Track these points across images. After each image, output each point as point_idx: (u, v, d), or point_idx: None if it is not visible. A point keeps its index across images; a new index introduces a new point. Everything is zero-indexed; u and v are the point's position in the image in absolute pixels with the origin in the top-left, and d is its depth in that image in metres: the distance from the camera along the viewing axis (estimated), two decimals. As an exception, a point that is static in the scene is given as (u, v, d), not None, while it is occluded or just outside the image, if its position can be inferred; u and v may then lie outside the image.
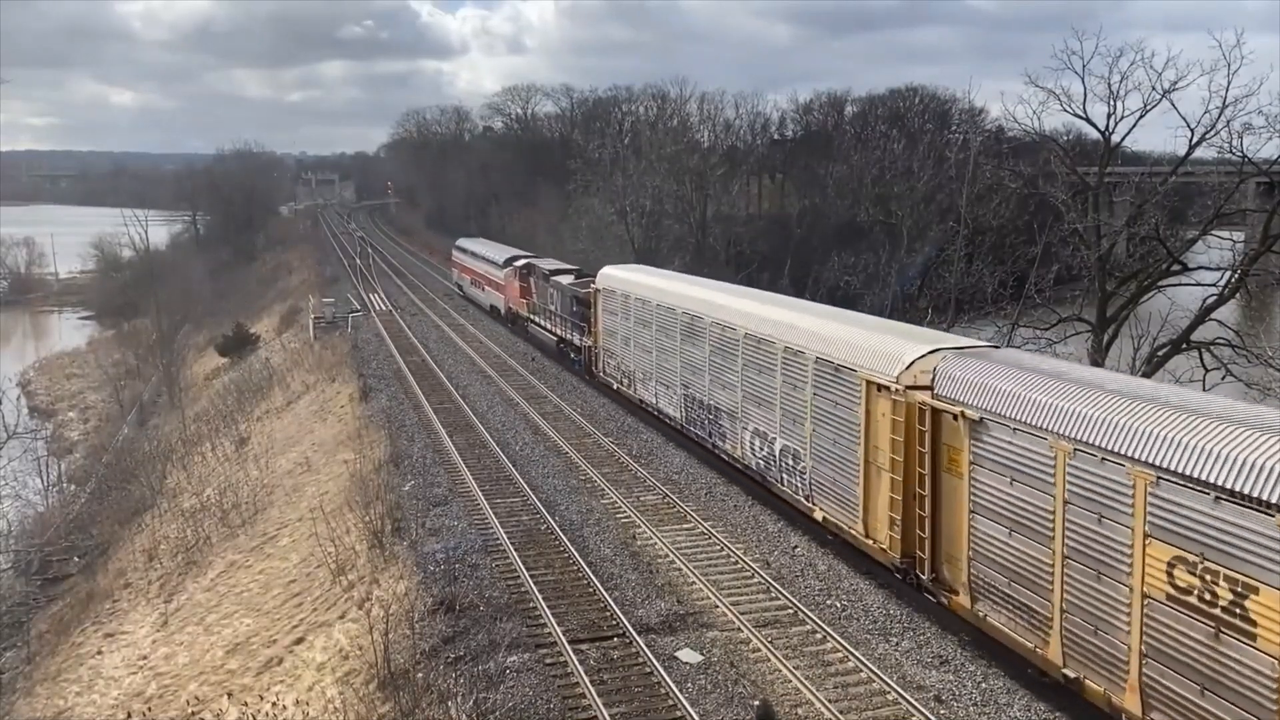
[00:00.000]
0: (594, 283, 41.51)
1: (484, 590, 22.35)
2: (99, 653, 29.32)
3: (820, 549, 24.53)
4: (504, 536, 25.57)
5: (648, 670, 18.69)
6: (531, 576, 22.94)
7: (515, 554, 24.33)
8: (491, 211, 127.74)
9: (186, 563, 33.80)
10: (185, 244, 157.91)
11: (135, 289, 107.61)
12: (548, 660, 19.27)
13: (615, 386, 39.44)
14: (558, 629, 20.26)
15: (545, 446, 34.85)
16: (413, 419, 39.30)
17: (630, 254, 74.27)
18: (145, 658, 27.27)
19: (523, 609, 21.50)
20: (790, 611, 21.09)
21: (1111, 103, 41.14)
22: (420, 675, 18.95)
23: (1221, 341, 38.39)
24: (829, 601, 21.68)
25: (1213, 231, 43.77)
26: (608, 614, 21.06)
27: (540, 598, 21.73)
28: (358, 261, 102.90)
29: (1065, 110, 42.40)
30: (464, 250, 74.79)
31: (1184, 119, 39.56)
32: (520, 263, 56.59)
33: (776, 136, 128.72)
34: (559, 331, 47.95)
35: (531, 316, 53.36)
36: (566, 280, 48.14)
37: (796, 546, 24.88)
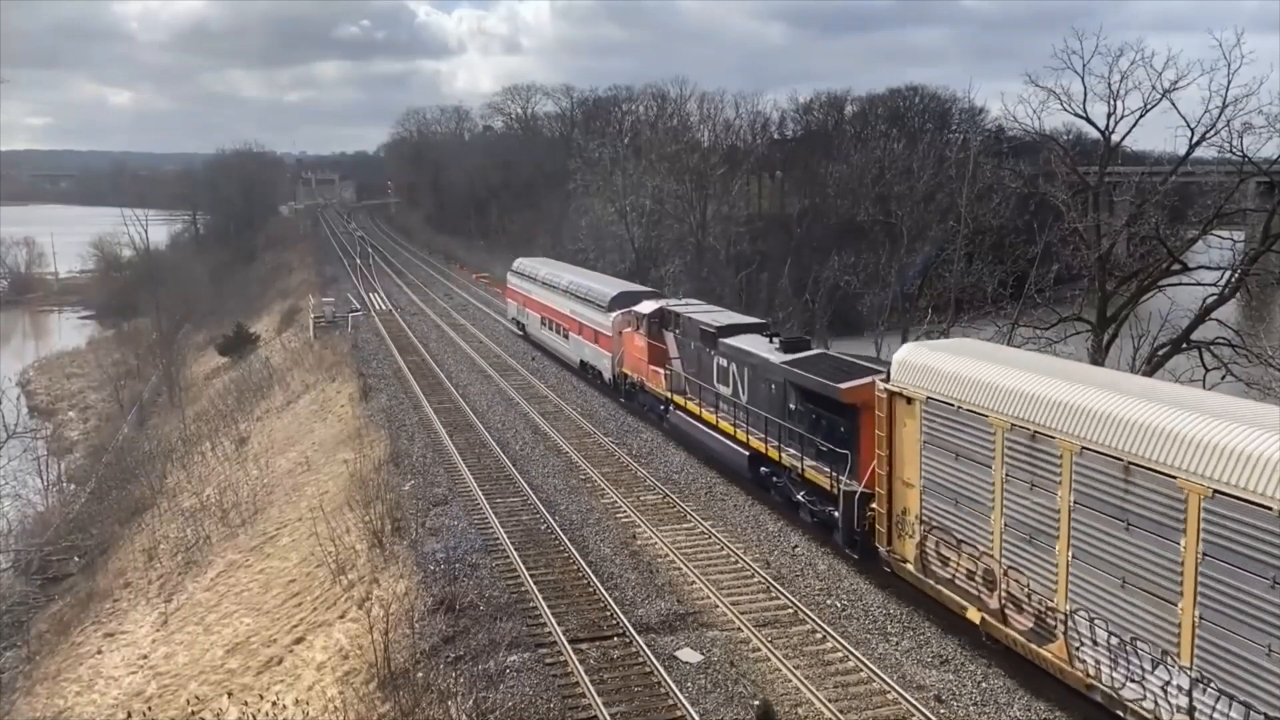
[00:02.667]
0: (874, 375, 21.94)
1: (484, 590, 22.34)
2: (99, 652, 29.31)
3: (820, 548, 24.53)
4: (504, 536, 25.57)
5: (648, 670, 18.69)
6: (531, 576, 22.93)
7: (515, 553, 24.33)
8: (491, 211, 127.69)
9: (186, 562, 33.80)
10: (185, 244, 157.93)
11: (135, 289, 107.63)
12: (548, 660, 19.26)
13: (964, 605, 18.92)
14: (558, 628, 20.25)
15: (545, 446, 34.85)
16: (413, 418, 39.29)
17: (630, 254, 74.31)
18: (145, 657, 27.27)
19: (523, 608, 21.50)
20: (790, 611, 21.08)
21: (1112, 102, 41.19)
22: (420, 675, 18.95)
23: (1222, 341, 38.40)
24: (829, 601, 21.67)
25: (1213, 231, 43.75)
26: (608, 613, 21.05)
27: (540, 597, 21.72)
28: (358, 261, 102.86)
29: (1065, 110, 42.45)
30: (528, 276, 54.03)
31: (1184, 119, 39.60)
32: (646, 306, 36.07)
33: (776, 136, 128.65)
34: (763, 442, 26.76)
35: (675, 397, 33.09)
36: (773, 354, 27.20)
37: (796, 546, 24.87)
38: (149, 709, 23.12)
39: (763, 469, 27.11)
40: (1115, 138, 42.76)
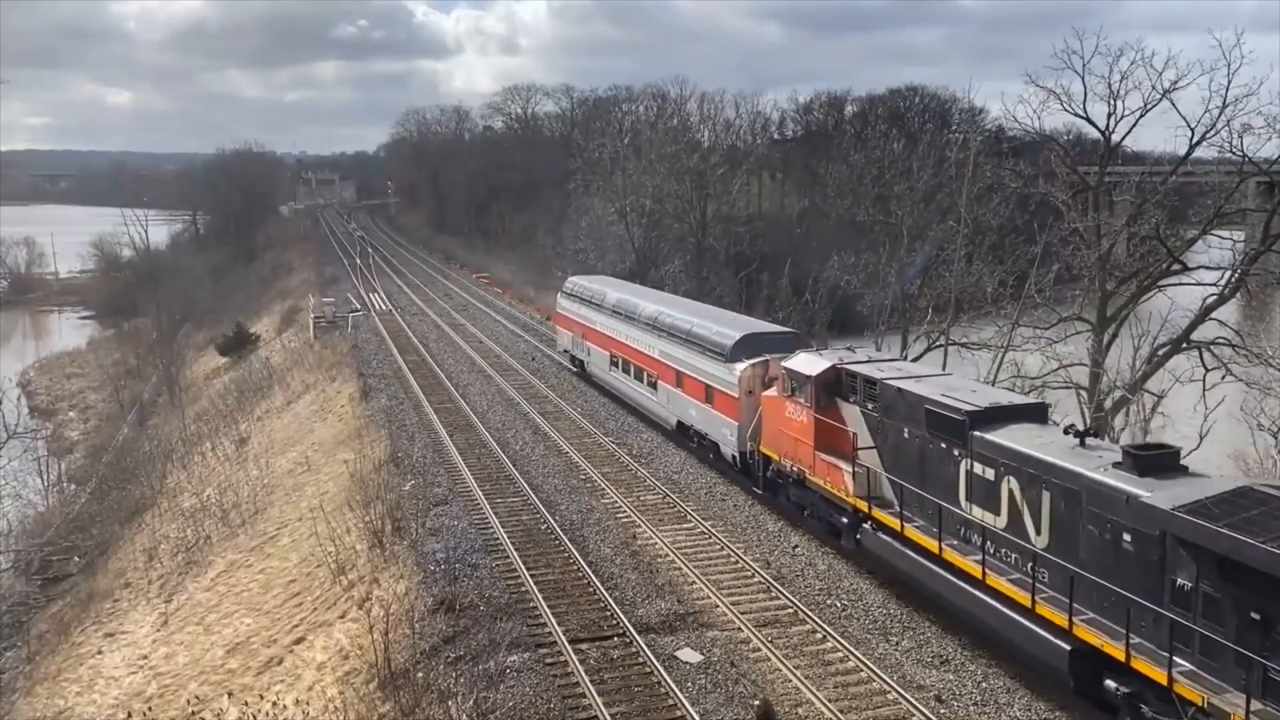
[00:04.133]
0: None
1: (484, 590, 22.34)
2: (99, 652, 29.31)
3: (821, 548, 24.53)
4: (504, 536, 25.57)
5: (648, 670, 18.69)
6: (532, 576, 22.94)
7: (515, 554, 24.33)
8: (491, 211, 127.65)
9: (186, 562, 33.80)
10: (185, 244, 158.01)
11: (135, 289, 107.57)
12: (548, 660, 19.27)
13: None
14: (558, 628, 20.26)
15: (545, 446, 34.84)
16: (413, 419, 39.28)
17: (630, 254, 74.22)
18: (145, 657, 27.27)
19: (523, 608, 21.50)
20: (790, 611, 21.09)
21: (1112, 102, 41.16)
22: (420, 675, 18.95)
23: (1222, 341, 38.39)
24: (829, 601, 21.68)
25: (1213, 231, 43.73)
26: (608, 613, 21.06)
27: (540, 597, 21.73)
28: (357, 261, 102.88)
29: (1066, 110, 42.41)
30: (589, 300, 43.47)
31: (1184, 118, 39.59)
32: (807, 362, 24.93)
33: (776, 136, 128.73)
34: (1112, 638, 15.66)
35: (876, 512, 22.04)
36: (1122, 479, 16.10)
37: (797, 546, 24.87)
38: (149, 709, 23.11)
39: (1111, 683, 15.64)
40: (1115, 138, 42.78)
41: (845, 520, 23.16)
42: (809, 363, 24.66)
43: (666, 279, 71.79)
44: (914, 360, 44.54)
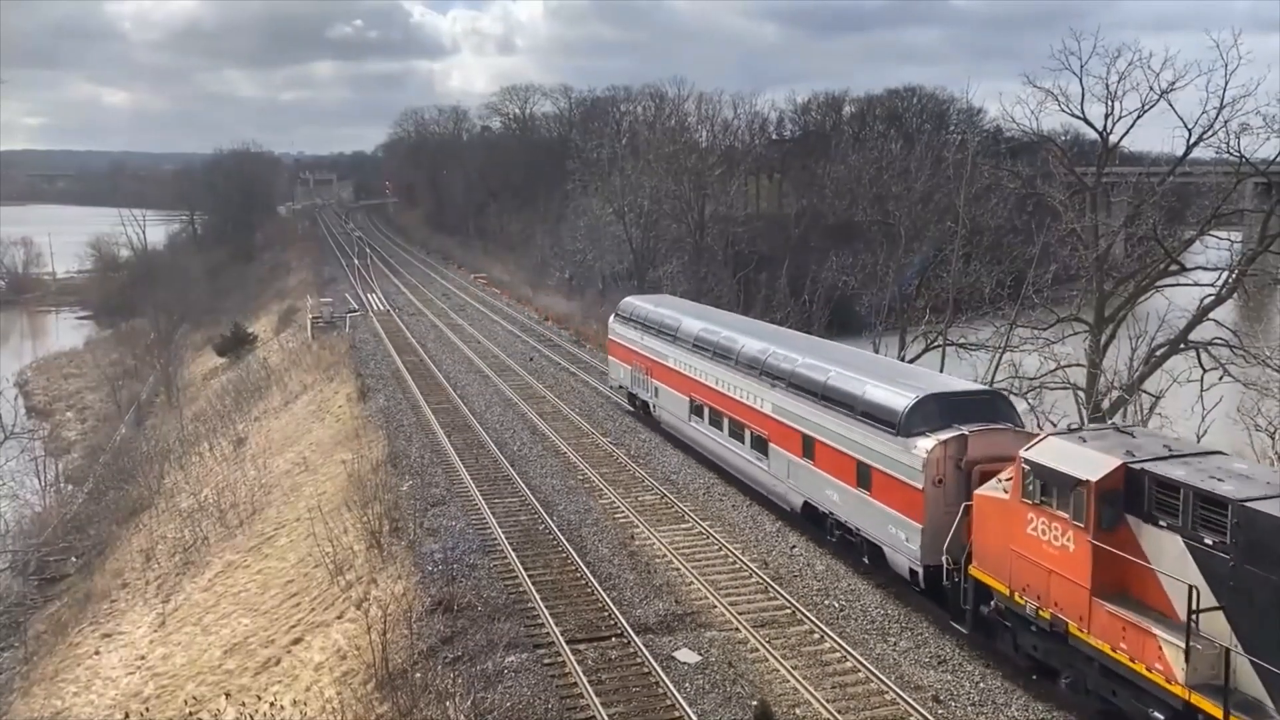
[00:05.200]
0: None
1: (482, 590, 22.33)
2: (96, 653, 29.28)
3: (819, 548, 24.53)
4: (502, 536, 25.56)
5: (646, 670, 18.69)
6: (529, 576, 22.93)
7: (513, 554, 24.32)
8: (490, 211, 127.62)
9: (184, 563, 33.76)
10: (183, 244, 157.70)
11: (133, 289, 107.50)
12: (546, 660, 19.26)
13: None
14: (555, 629, 20.25)
15: (543, 446, 34.83)
16: (410, 419, 39.25)
17: (628, 254, 74.25)
18: (143, 658, 27.24)
19: (520, 609, 21.50)
20: (788, 611, 21.09)
21: (1109, 103, 41.12)
22: (418, 675, 18.94)
23: (1219, 341, 38.36)
24: (827, 601, 21.68)
25: (1210, 232, 43.72)
26: (606, 614, 21.05)
27: (538, 598, 21.72)
28: (355, 261, 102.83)
29: (1063, 110, 42.35)
30: (656, 328, 35.83)
31: (1181, 119, 39.58)
32: (1066, 456, 16.46)
33: (775, 136, 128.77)
34: None
35: (1208, 704, 13.85)
36: None
37: (795, 546, 24.88)
38: (146, 710, 23.10)
39: None
40: (1113, 138, 42.74)
41: (1152, 713, 14.85)
42: (1077, 457, 16.11)
43: (664, 279, 71.83)
44: (912, 361, 44.60)
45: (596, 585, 22.32)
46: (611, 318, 40.45)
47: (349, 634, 22.06)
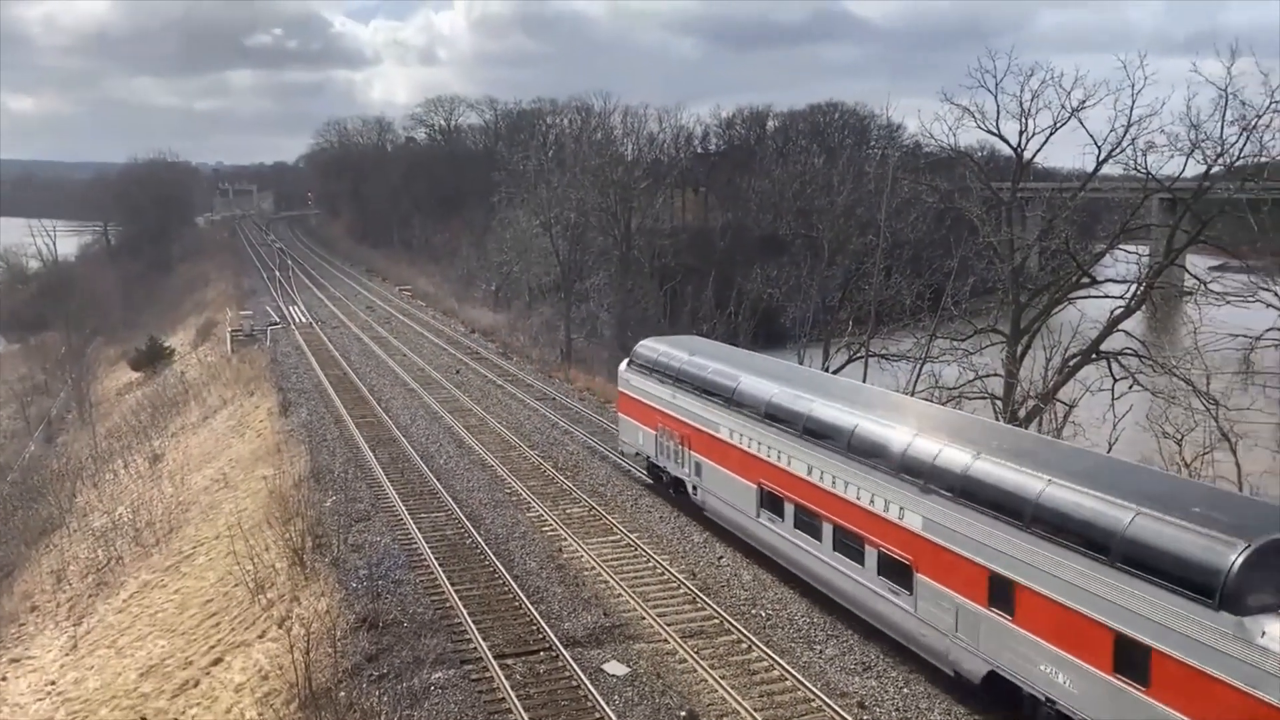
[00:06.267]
0: None
1: (408, 606, 22.07)
2: (3, 679, 28.19)
3: (746, 559, 24.74)
4: (428, 551, 25.29)
5: (575, 684, 18.64)
6: (456, 591, 22.72)
7: (439, 569, 24.08)
8: (414, 223, 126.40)
9: (97, 584, 32.71)
10: (96, 255, 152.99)
11: (43, 302, 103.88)
12: (473, 676, 19.10)
13: None
14: (483, 644, 20.09)
15: (470, 460, 34.57)
16: (334, 433, 38.64)
17: (555, 267, 74.12)
18: (53, 683, 26.30)
19: (447, 624, 21.29)
20: (716, 621, 21.23)
21: (1023, 120, 42.24)
22: (343, 694, 18.63)
23: (1129, 352, 39.64)
24: (755, 611, 21.88)
25: (1119, 246, 45.20)
26: (534, 628, 20.96)
27: (465, 613, 21.54)
28: (277, 273, 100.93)
29: (980, 127, 43.40)
30: (696, 385, 27.76)
31: (1092, 137, 40.85)
32: None
33: (700, 150, 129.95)
34: None
35: None
36: None
37: (722, 557, 25.06)
38: (57, 737, 22.31)
39: None
40: (1027, 154, 43.94)
41: None
42: None
43: (591, 291, 71.91)
44: (836, 373, 45.29)
45: (524, 599, 22.21)
46: (624, 365, 32.30)
47: (271, 653, 21.59)
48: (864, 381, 39.64)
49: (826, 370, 46.25)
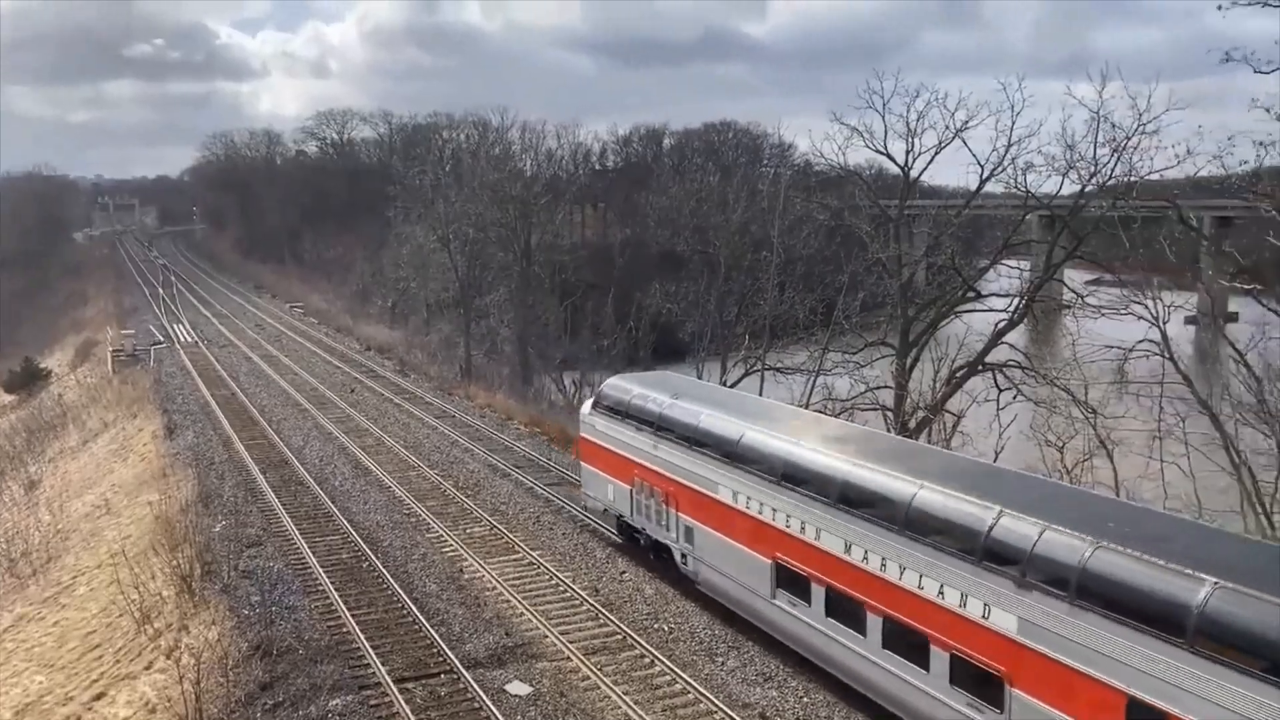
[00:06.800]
0: None
1: (303, 632, 21.53)
2: None
3: (648, 573, 24.84)
4: (323, 576, 24.71)
5: (476, 705, 18.44)
6: (353, 616, 22.25)
7: (335, 593, 23.56)
8: (305, 238, 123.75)
9: (-33, 619, 31.01)
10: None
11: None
12: (372, 701, 18.72)
13: None
14: (382, 669, 19.72)
15: (367, 481, 33.93)
16: (222, 456, 37.50)
17: (454, 282, 73.40)
18: (-82, 727, 24.83)
19: (345, 650, 20.83)
20: (619, 637, 21.25)
21: (910, 140, 43.68)
22: (235, 725, 18.05)
23: (1012, 363, 41.21)
24: (657, 625, 21.97)
25: (1002, 261, 47.03)
26: (434, 650, 20.66)
27: (363, 637, 21.11)
28: (160, 290, 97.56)
29: (868, 146, 44.72)
30: (682, 433, 23.17)
31: (974, 156, 42.47)
32: None
33: (598, 167, 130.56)
34: None
35: None
36: None
37: (625, 572, 25.10)
38: (-77, 783, 21.07)
39: None
40: (913, 173, 45.41)
41: None
42: None
43: (491, 307, 71.42)
44: (733, 386, 45.92)
45: (424, 621, 21.88)
46: (587, 407, 27.94)
47: (159, 685, 20.79)
48: (760, 395, 40.22)
49: (724, 384, 46.88)
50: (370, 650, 20.49)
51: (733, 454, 21.22)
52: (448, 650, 20.42)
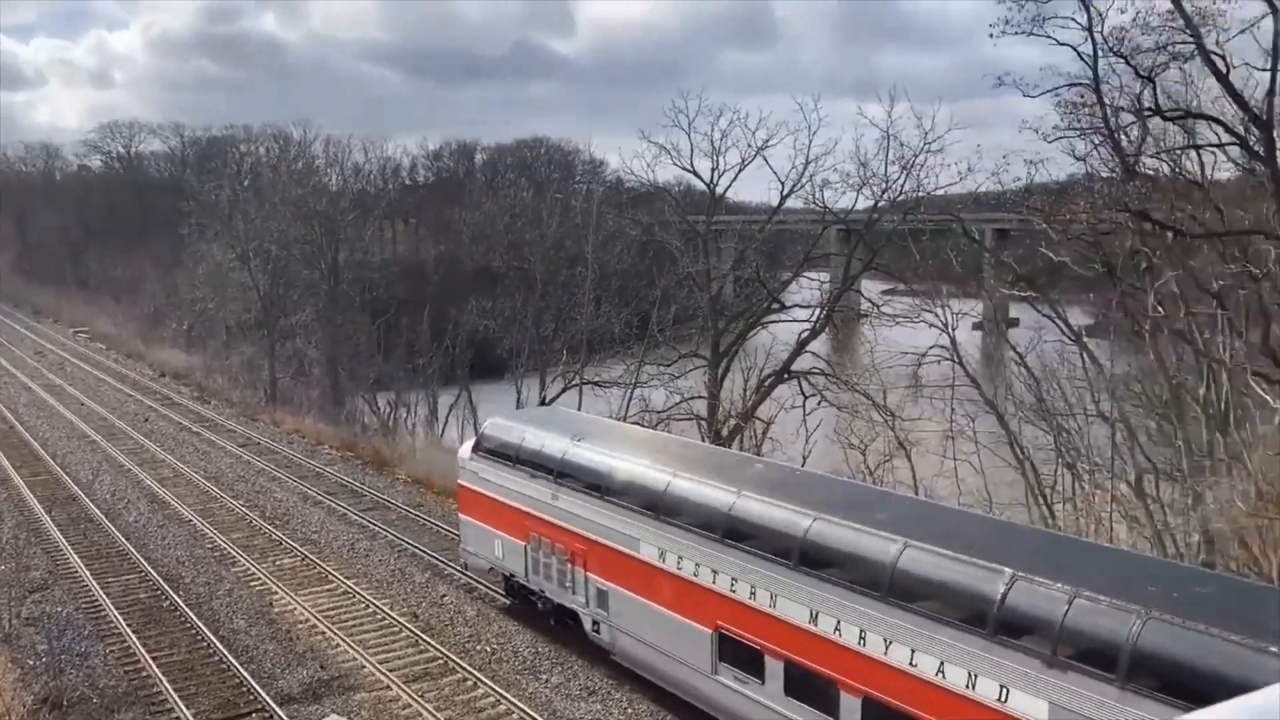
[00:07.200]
0: None
1: (97, 680, 20.11)
2: None
3: (469, 594, 24.52)
4: (119, 618, 23.17)
5: (291, 744, 17.70)
6: (154, 659, 20.96)
7: (133, 636, 22.13)
8: (89, 257, 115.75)
9: None
10: None
11: None
12: (177, 749, 17.69)
13: None
14: (187, 712, 18.67)
15: (165, 515, 32.03)
16: (0, 495, 34.57)
17: (255, 302, 70.27)
18: None
19: (145, 695, 19.60)
20: (441, 662, 20.88)
21: (715, 158, 45.10)
22: (20, 788, 16.67)
23: (816, 370, 43.07)
24: (479, 647, 21.72)
25: (804, 273, 49.18)
26: (244, 689, 19.71)
27: (165, 681, 19.91)
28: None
29: (675, 164, 45.87)
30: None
31: (775, 173, 44.32)
32: None
33: (408, 182, 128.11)
34: None
35: None
36: None
37: (445, 595, 24.69)
38: None
39: None
40: (719, 189, 46.89)
41: None
42: None
43: (297, 327, 68.74)
44: (551, 401, 46.00)
45: (232, 660, 20.84)
46: (465, 450, 24.74)
47: (-73, 753, 18.94)
48: (579, 409, 40.44)
49: (543, 401, 46.87)
50: (173, 694, 19.36)
51: (659, 507, 18.41)
52: (259, 688, 19.53)
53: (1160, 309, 26.97)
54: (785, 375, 42.41)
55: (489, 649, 21.59)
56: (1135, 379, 30.99)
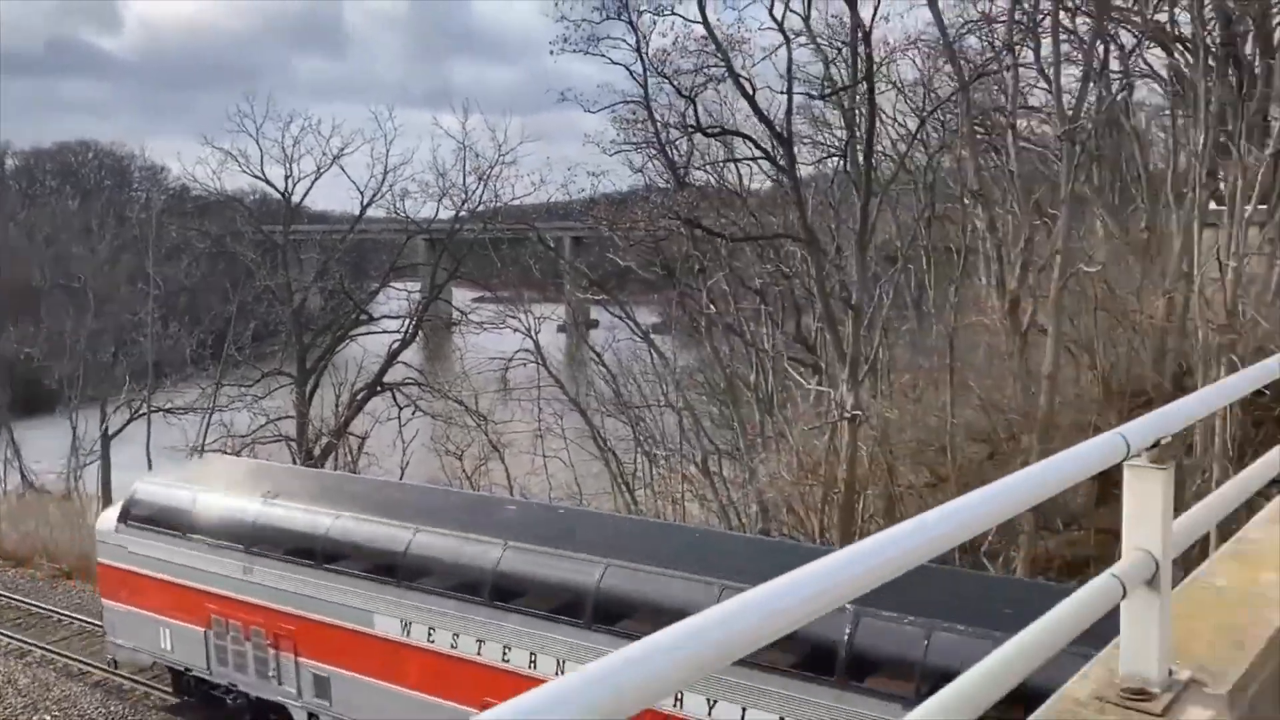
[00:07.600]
0: None
1: None
2: None
3: (20, 660, 21.65)
4: None
5: None
6: None
7: None
8: None
9: None
10: None
11: None
12: None
13: None
14: None
15: None
16: None
17: None
18: None
19: None
20: (-14, 743, 18.31)
21: (288, 165, 43.37)
22: None
23: (409, 381, 42.88)
24: (39, 717, 19.30)
25: (391, 284, 48.74)
26: None
27: None
28: None
29: (245, 171, 43.53)
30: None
31: (354, 182, 43.55)
32: None
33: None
34: None
35: None
36: None
37: (-12, 666, 21.62)
38: None
39: None
40: (295, 198, 45.17)
41: None
42: None
43: None
44: (117, 434, 41.76)
45: None
46: (107, 521, 20.71)
47: None
48: (148, 440, 37.07)
49: (105, 432, 42.37)
50: None
51: (397, 570, 15.95)
52: None
53: (713, 306, 30.07)
54: (378, 388, 41.86)
55: (50, 717, 19.26)
56: (697, 370, 34.28)
